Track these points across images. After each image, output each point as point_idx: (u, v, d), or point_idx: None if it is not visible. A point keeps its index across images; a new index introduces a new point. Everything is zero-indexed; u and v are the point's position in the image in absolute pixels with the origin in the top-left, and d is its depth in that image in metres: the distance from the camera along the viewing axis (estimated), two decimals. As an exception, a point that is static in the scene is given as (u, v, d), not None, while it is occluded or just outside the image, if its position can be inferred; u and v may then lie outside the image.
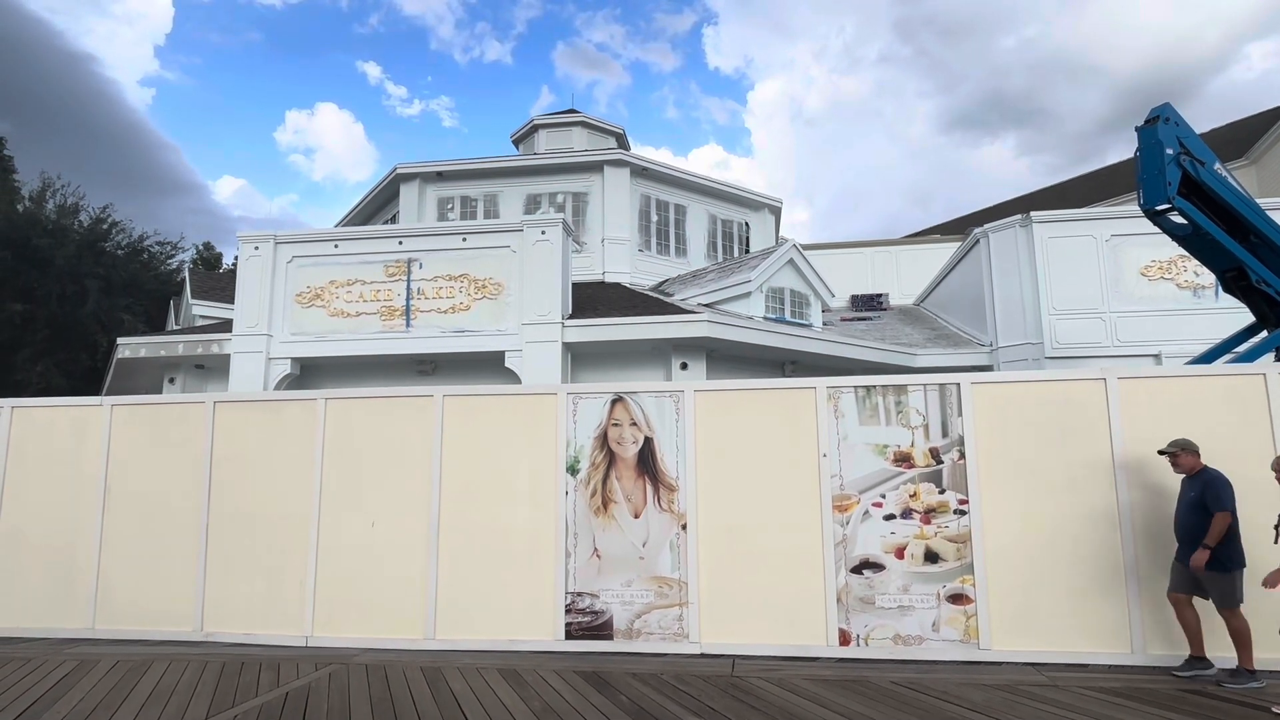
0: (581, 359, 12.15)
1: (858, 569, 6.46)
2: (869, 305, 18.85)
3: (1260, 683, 5.32)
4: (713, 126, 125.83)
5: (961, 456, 6.48)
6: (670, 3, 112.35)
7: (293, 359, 12.19)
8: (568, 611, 6.77)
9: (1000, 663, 6.07)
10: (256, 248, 12.50)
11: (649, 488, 6.88)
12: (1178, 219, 7.78)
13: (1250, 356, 7.52)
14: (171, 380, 13.42)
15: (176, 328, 19.53)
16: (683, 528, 6.75)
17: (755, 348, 12.11)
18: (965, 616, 6.26)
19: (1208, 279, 11.54)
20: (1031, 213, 12.95)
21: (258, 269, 12.40)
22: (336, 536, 7.21)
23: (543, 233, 11.92)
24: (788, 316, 14.55)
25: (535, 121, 19.92)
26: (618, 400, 7.05)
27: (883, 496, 6.53)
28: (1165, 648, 5.87)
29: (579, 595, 6.79)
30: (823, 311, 15.46)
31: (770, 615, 6.51)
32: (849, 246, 21.83)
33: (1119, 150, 71.77)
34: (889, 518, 6.49)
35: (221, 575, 7.37)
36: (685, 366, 11.80)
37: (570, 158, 16.77)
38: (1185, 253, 8.29)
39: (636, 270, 16.01)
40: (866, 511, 6.53)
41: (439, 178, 16.94)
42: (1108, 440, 6.23)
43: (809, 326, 14.56)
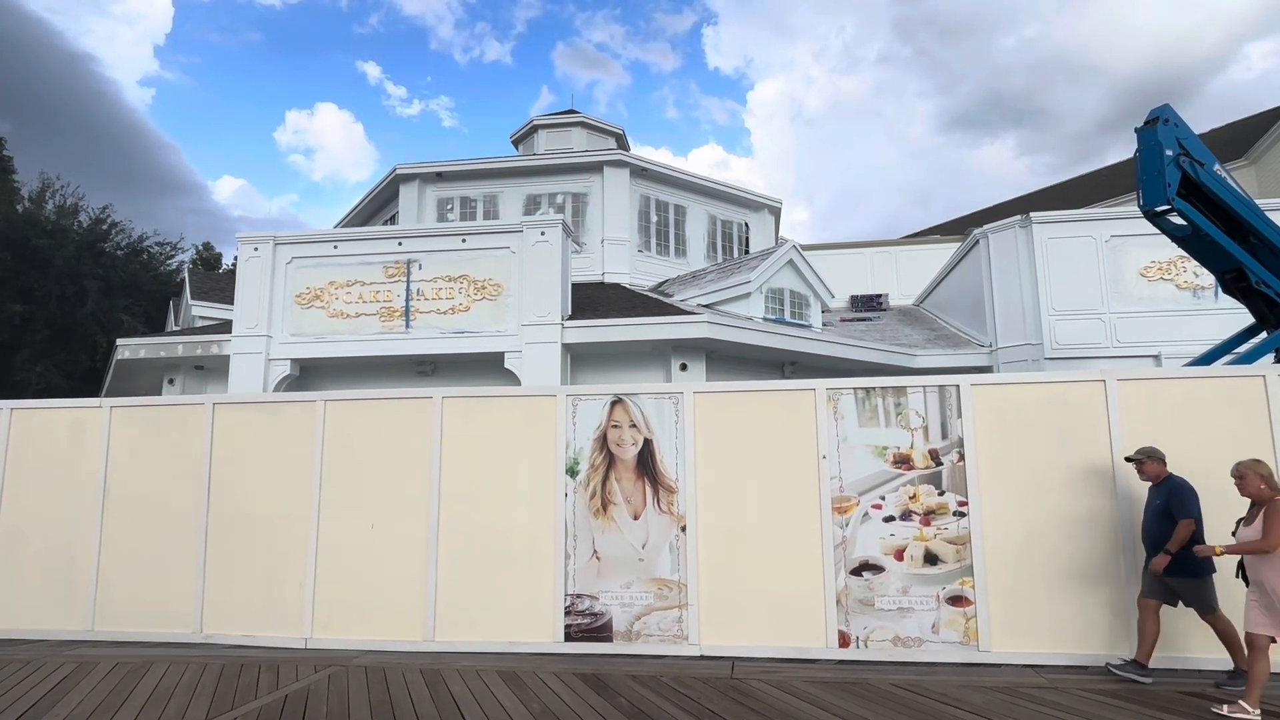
0: (581, 360, 12.14)
1: (857, 571, 6.46)
2: (868, 306, 18.85)
3: (1148, 677, 5.38)
4: (712, 126, 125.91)
5: (961, 458, 6.48)
6: (670, 3, 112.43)
7: (292, 360, 12.18)
8: (567, 613, 6.77)
9: (1000, 665, 6.07)
10: (256, 249, 12.50)
11: (648, 489, 6.88)
12: (1177, 220, 7.78)
13: (1250, 358, 7.52)
14: (171, 381, 13.41)
15: (176, 328, 19.53)
16: (682, 529, 6.75)
17: (755, 348, 12.11)
18: (965, 618, 6.26)
19: (1207, 280, 11.53)
20: (1031, 213, 12.95)
21: (257, 270, 12.39)
22: (336, 538, 7.21)
23: (542, 233, 11.92)
24: (787, 317, 14.54)
25: (535, 122, 19.92)
26: (617, 402, 7.05)
27: (882, 498, 6.53)
28: (1165, 649, 5.85)
29: (578, 597, 6.79)
30: (822, 312, 15.46)
31: (770, 617, 6.51)
32: (849, 247, 21.83)
33: (1119, 150, 71.81)
34: (888, 519, 6.49)
35: (221, 577, 7.37)
36: (685, 367, 11.80)
37: (570, 158, 16.77)
38: (1185, 254, 8.28)
39: (636, 271, 16.01)
40: (866, 513, 6.52)
41: (438, 178, 16.93)
42: (1107, 442, 6.23)
43: (808, 327, 14.56)
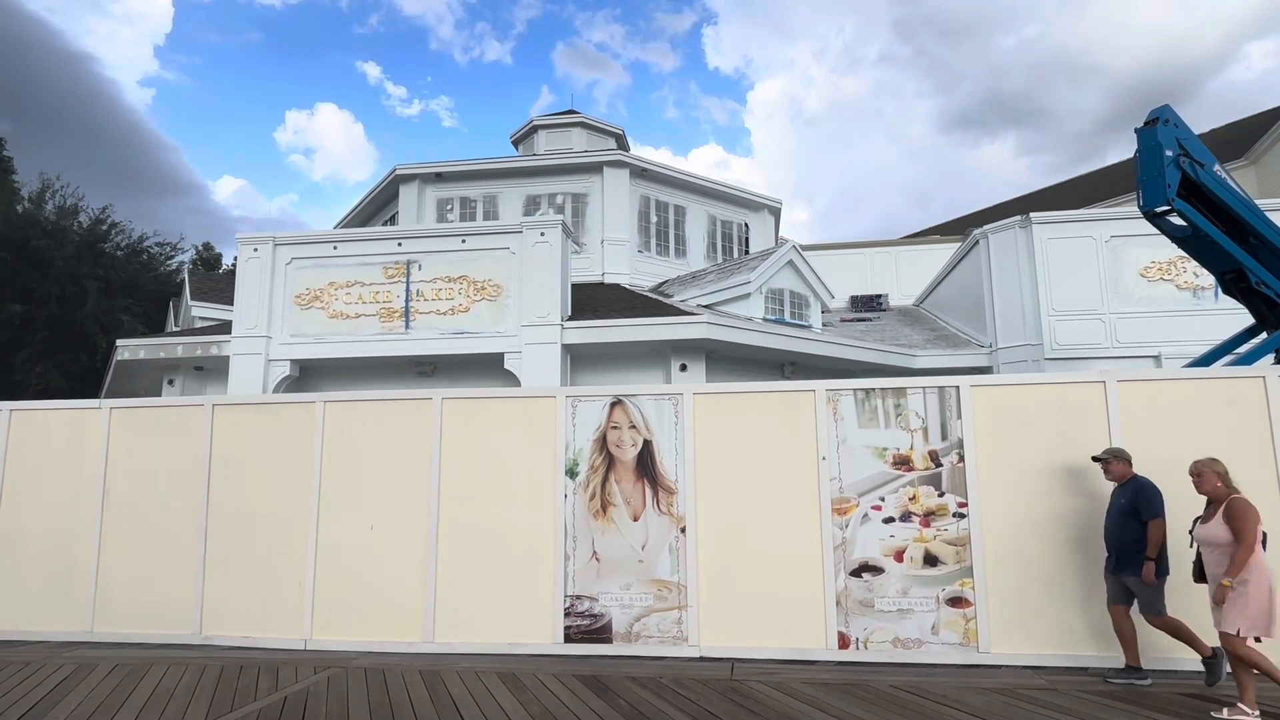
0: (581, 360, 12.14)
1: (857, 572, 6.45)
2: (868, 306, 18.85)
3: (1219, 678, 5.29)
4: (712, 126, 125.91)
5: (961, 459, 6.47)
6: (670, 2, 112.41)
7: (292, 361, 12.17)
8: (567, 614, 6.76)
9: (1000, 666, 6.07)
10: (255, 249, 12.49)
11: (648, 490, 6.88)
12: (1177, 221, 7.77)
13: (1250, 358, 7.51)
14: (171, 382, 13.41)
15: (176, 329, 19.54)
16: (682, 531, 6.75)
17: (755, 349, 12.10)
18: (965, 620, 6.26)
19: (1207, 280, 11.52)
20: (1031, 213, 12.94)
21: (257, 270, 12.39)
22: (335, 539, 7.21)
23: (542, 234, 11.92)
24: (787, 318, 14.54)
25: (535, 122, 19.91)
26: (617, 403, 7.05)
27: (882, 499, 6.53)
28: (1164, 650, 5.85)
29: (578, 598, 6.78)
30: (822, 312, 15.45)
31: (769, 618, 6.51)
32: (848, 247, 21.83)
33: (1119, 150, 71.79)
34: (888, 520, 6.48)
35: (220, 578, 7.37)
36: (685, 368, 11.80)
37: (570, 158, 16.77)
38: (1185, 254, 8.28)
39: (636, 271, 16.00)
40: (866, 514, 6.52)
41: (438, 179, 16.93)
42: (1107, 443, 6.21)
43: (808, 328, 14.56)
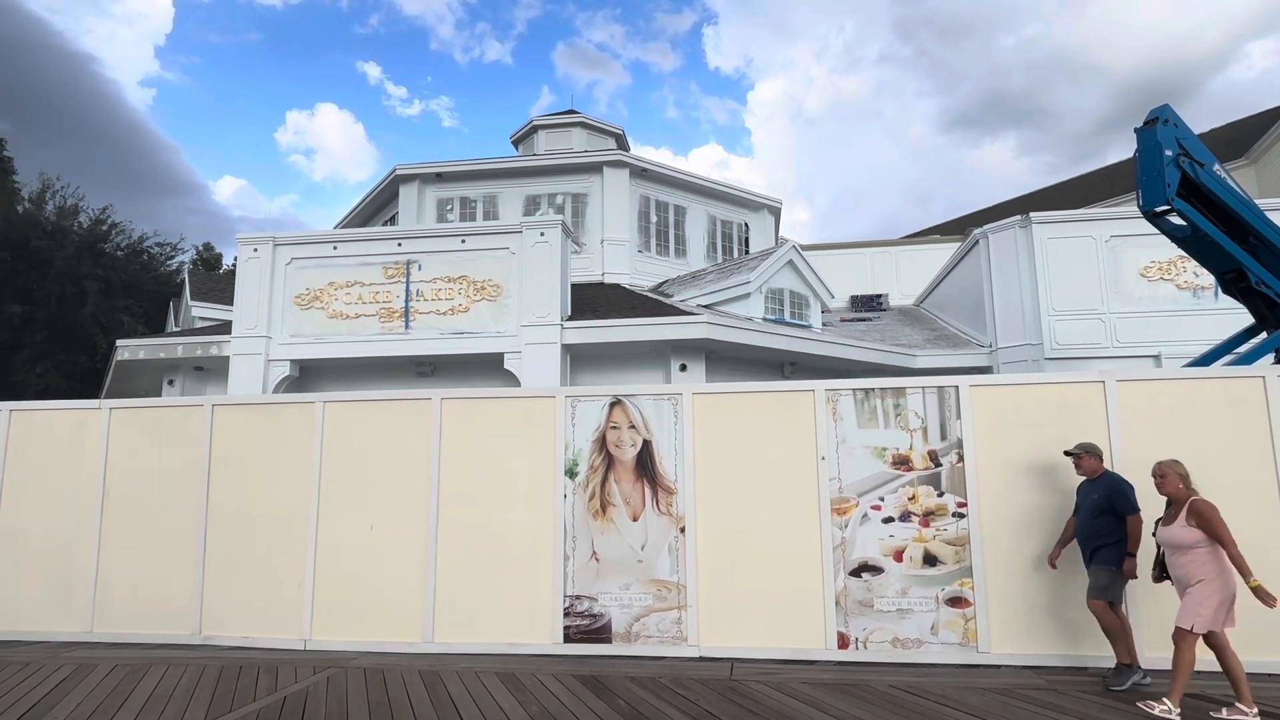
0: (581, 360, 12.14)
1: (856, 572, 6.45)
2: (868, 306, 18.84)
3: (1144, 676, 5.40)
4: (713, 126, 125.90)
5: (960, 459, 6.47)
6: (670, 2, 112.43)
7: (292, 361, 12.17)
8: (566, 615, 6.76)
9: (999, 666, 6.07)
10: (255, 249, 12.49)
11: (647, 491, 6.87)
12: (1177, 220, 7.76)
13: (1250, 358, 7.51)
14: (171, 382, 13.41)
15: (176, 329, 19.53)
16: (681, 531, 6.75)
17: (754, 349, 12.10)
18: (964, 620, 6.25)
19: (1207, 280, 11.51)
20: (1031, 213, 12.93)
21: (257, 271, 12.39)
22: (335, 539, 7.21)
23: (542, 234, 11.91)
24: (787, 317, 14.54)
25: (535, 122, 19.91)
26: (616, 403, 7.05)
27: (881, 499, 6.52)
28: (1164, 650, 5.83)
29: (577, 598, 6.78)
30: (822, 312, 15.44)
31: (769, 618, 6.51)
32: (848, 247, 21.81)
33: (1119, 150, 71.77)
34: (888, 520, 6.48)
35: (220, 578, 7.37)
36: (684, 368, 11.79)
37: (569, 159, 16.76)
38: (1185, 254, 8.28)
39: (636, 271, 16.00)
40: (865, 514, 6.52)
41: (438, 179, 16.93)
42: (1106, 443, 6.21)
43: (808, 327, 14.55)
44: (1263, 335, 7.82)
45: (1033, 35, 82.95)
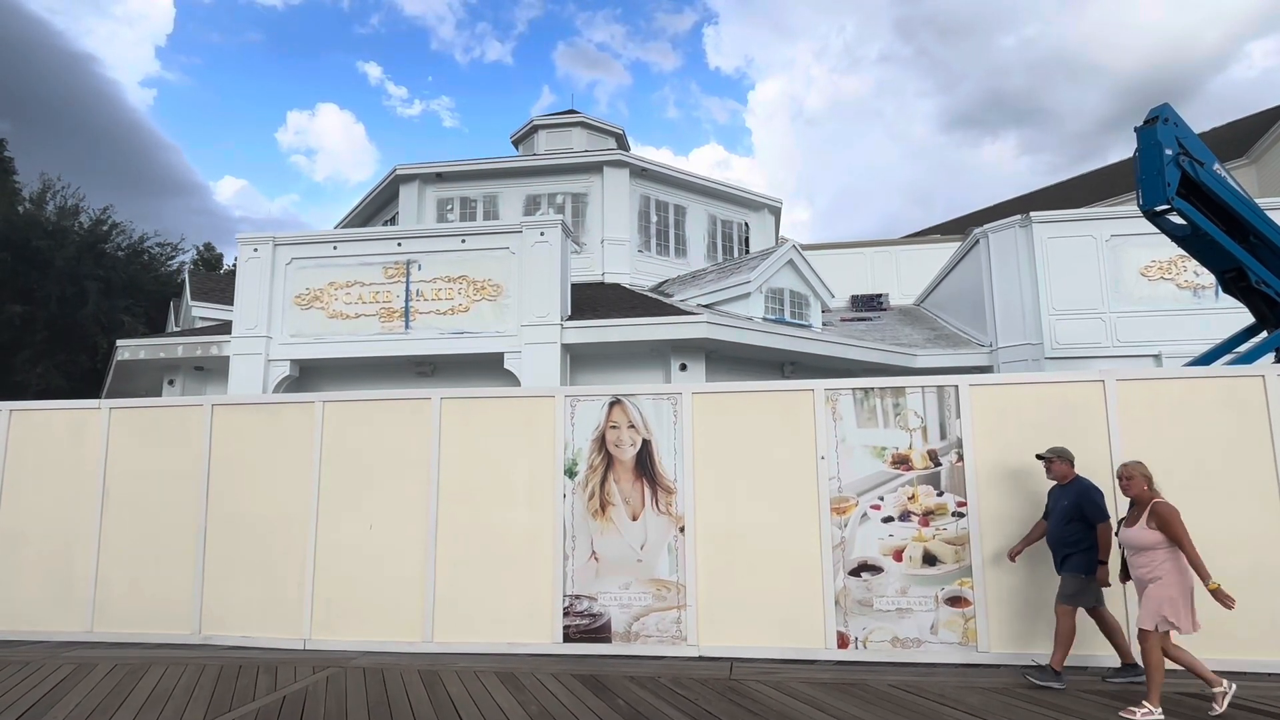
0: (581, 360, 12.14)
1: (856, 571, 6.45)
2: (869, 305, 18.83)
3: (1062, 684, 5.39)
4: (713, 126, 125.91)
5: (960, 459, 6.46)
6: (670, 2, 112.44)
7: (292, 361, 12.18)
8: (565, 614, 6.76)
9: (999, 665, 6.06)
10: (255, 249, 12.50)
11: (647, 490, 6.87)
12: (1177, 220, 7.76)
13: (1250, 357, 7.50)
14: (171, 382, 13.41)
15: (176, 329, 19.53)
16: (680, 530, 6.74)
17: (754, 349, 12.09)
18: (964, 619, 6.25)
19: (1208, 279, 11.50)
20: (1031, 213, 12.93)
21: (257, 271, 12.39)
22: (335, 539, 7.21)
23: (542, 234, 11.92)
24: (787, 317, 14.53)
25: (535, 122, 19.91)
26: (615, 403, 7.04)
27: (881, 499, 6.52)
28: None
29: (577, 598, 6.78)
30: (822, 312, 15.44)
31: (768, 618, 6.50)
32: (849, 246, 21.80)
33: (1119, 149, 71.69)
34: (887, 520, 6.48)
35: (220, 578, 7.37)
36: (684, 368, 11.79)
37: (570, 158, 16.76)
38: (1185, 253, 8.27)
39: (636, 271, 16.00)
40: (865, 514, 6.51)
41: (438, 179, 16.93)
42: (1106, 442, 6.21)
43: (808, 327, 14.55)
44: (1263, 334, 7.81)
45: (1033, 35, 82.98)
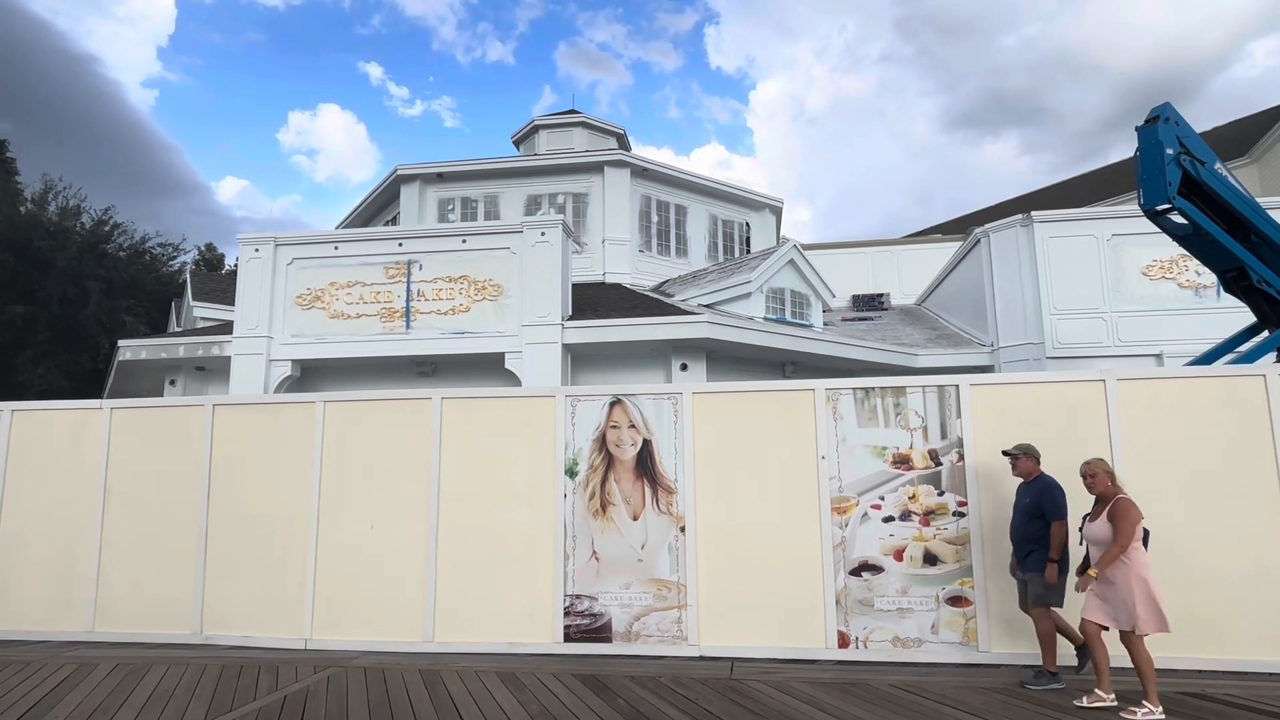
0: (581, 360, 12.14)
1: (856, 571, 6.44)
2: (870, 305, 18.82)
3: (1061, 683, 5.38)
4: (715, 126, 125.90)
5: (960, 458, 6.46)
6: (672, 2, 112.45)
7: (293, 361, 12.19)
8: (566, 614, 6.76)
9: (999, 665, 6.06)
10: (257, 250, 12.51)
11: (647, 490, 6.87)
12: (1178, 219, 7.75)
13: (1251, 357, 7.50)
14: (172, 382, 13.43)
15: (178, 329, 19.56)
16: (681, 530, 6.74)
17: (755, 348, 12.09)
18: (964, 619, 6.25)
19: (1209, 279, 11.49)
20: (1032, 212, 12.92)
21: (258, 271, 12.41)
22: (335, 539, 7.22)
23: (542, 234, 11.92)
24: (788, 317, 14.52)
25: (536, 122, 19.91)
26: (616, 402, 7.05)
27: (881, 498, 6.52)
28: (1163, 650, 5.83)
29: (577, 598, 6.78)
30: (823, 312, 15.43)
31: (769, 618, 6.50)
32: (850, 246, 21.78)
33: (1121, 149, 71.61)
34: (888, 520, 6.47)
35: (221, 578, 7.38)
36: (685, 367, 11.79)
37: (570, 158, 16.76)
38: (1186, 252, 8.26)
39: (637, 271, 16.00)
40: (865, 513, 6.51)
41: (439, 179, 16.94)
42: (1107, 442, 6.21)
43: (809, 327, 14.54)
44: (1264, 334, 7.80)
45: (1034, 34, 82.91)
